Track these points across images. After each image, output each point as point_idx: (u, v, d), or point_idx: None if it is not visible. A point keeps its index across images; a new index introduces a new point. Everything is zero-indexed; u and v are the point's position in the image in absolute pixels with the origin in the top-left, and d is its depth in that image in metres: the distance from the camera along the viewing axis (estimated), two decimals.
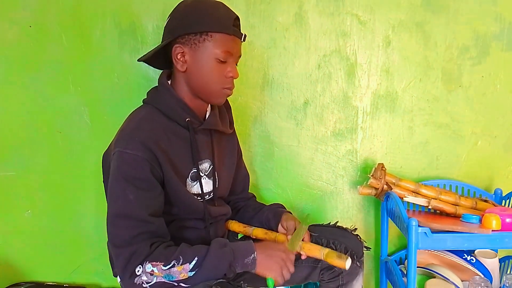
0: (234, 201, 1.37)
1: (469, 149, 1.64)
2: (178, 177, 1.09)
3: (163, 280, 0.99)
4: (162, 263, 0.98)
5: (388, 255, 1.63)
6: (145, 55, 1.14)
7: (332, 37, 1.55)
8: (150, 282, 0.98)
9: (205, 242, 1.07)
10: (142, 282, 0.98)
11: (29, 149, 1.50)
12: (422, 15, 1.55)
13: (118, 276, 1.20)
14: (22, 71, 1.46)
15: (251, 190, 1.43)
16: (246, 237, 1.29)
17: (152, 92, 1.16)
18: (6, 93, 1.46)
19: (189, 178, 1.14)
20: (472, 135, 1.64)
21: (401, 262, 1.65)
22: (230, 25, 1.06)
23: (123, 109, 1.41)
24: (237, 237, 1.35)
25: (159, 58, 1.14)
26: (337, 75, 1.57)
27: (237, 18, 1.09)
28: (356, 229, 1.30)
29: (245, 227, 1.29)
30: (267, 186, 1.61)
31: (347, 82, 1.58)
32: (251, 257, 1.03)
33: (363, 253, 1.25)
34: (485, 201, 1.53)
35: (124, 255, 0.99)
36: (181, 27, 1.06)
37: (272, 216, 1.27)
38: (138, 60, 1.15)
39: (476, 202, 1.49)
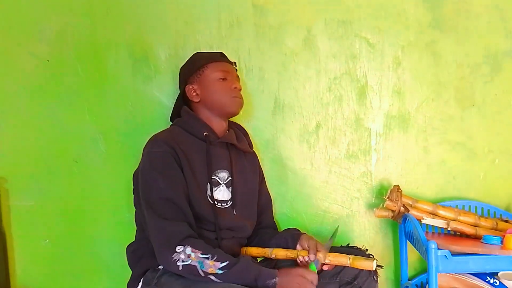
0: (256, 228, 1.40)
1: (486, 167, 1.61)
2: (195, 181, 1.22)
3: (196, 265, 1.09)
4: (201, 252, 1.10)
5: (409, 279, 1.59)
6: (172, 114, 1.41)
7: (342, 59, 1.56)
8: (185, 262, 1.09)
9: None
10: (178, 259, 1.09)
11: (47, 178, 1.52)
12: (431, 34, 1.56)
13: None
14: (40, 102, 1.49)
15: None
16: (266, 259, 1.32)
17: (176, 118, 1.37)
18: (25, 123, 1.50)
19: (209, 184, 1.26)
20: (489, 153, 1.61)
21: (422, 286, 1.60)
22: (218, 57, 1.36)
23: (138, 136, 1.44)
24: (257, 260, 1.35)
25: (179, 106, 1.38)
26: (348, 97, 1.57)
27: (222, 54, 1.38)
28: (367, 249, 1.33)
29: (263, 249, 1.30)
30: (281, 211, 1.59)
31: (358, 104, 1.58)
32: (273, 280, 1.11)
33: (377, 270, 1.26)
34: (506, 221, 1.49)
35: (170, 228, 1.12)
36: (186, 73, 1.36)
37: (289, 237, 1.31)
38: (170, 120, 1.41)
39: (496, 223, 1.46)
